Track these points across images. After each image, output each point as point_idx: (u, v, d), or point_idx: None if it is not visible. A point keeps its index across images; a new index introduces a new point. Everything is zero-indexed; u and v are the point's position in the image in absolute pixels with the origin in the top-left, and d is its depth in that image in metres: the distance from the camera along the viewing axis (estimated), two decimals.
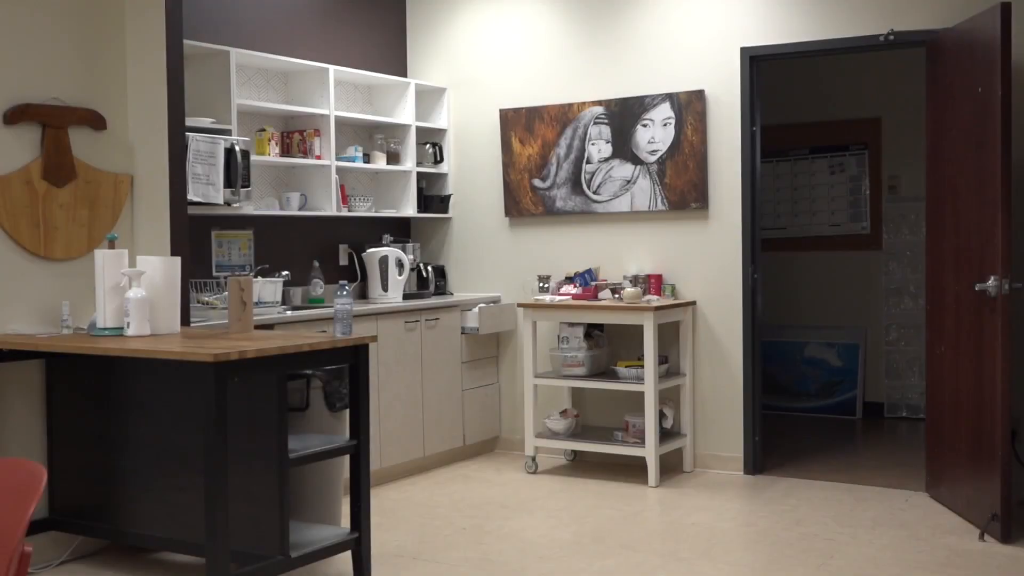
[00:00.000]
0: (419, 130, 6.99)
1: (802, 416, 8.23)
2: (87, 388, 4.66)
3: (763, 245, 6.52)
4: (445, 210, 7.16)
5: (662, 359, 6.20)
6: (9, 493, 2.47)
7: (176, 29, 5.01)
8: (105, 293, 4.40)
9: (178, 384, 4.35)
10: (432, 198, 7.11)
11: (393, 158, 6.85)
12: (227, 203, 5.52)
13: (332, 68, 6.34)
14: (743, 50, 6.21)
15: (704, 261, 6.38)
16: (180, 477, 4.32)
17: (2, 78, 4.52)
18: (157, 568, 4.71)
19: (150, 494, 4.46)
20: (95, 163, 4.87)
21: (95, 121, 4.86)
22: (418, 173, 6.98)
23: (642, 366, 6.06)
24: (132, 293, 4.33)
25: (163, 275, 4.47)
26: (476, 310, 6.63)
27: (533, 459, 6.41)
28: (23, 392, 4.65)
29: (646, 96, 6.48)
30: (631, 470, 6.27)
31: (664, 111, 6.42)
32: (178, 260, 4.60)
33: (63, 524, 4.65)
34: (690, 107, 6.33)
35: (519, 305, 6.55)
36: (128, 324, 4.33)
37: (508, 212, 6.98)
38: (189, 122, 5.25)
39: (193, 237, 5.41)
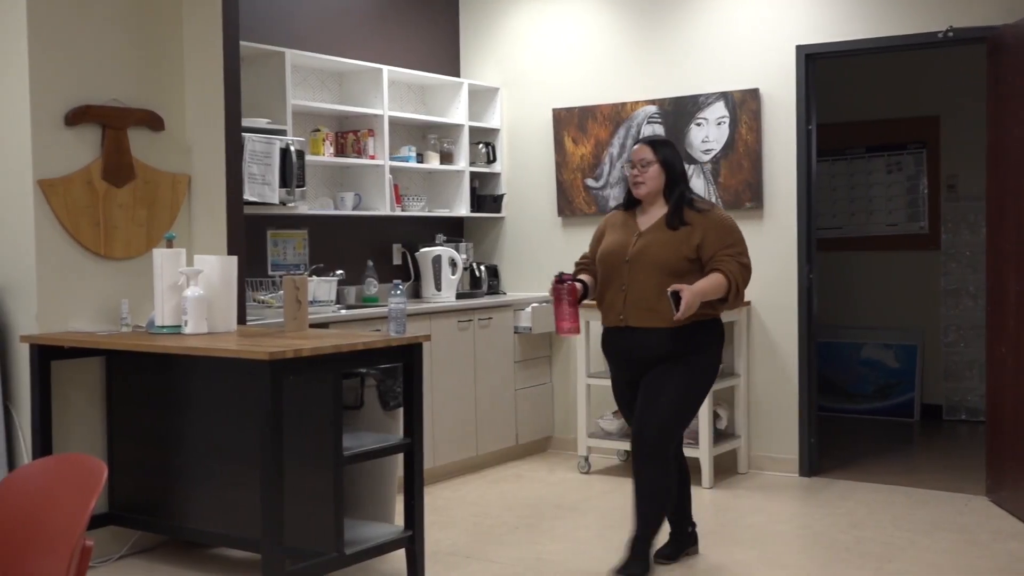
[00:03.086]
0: (472, 130, 7.00)
1: (858, 418, 8.13)
2: (146, 385, 4.72)
3: (819, 245, 6.45)
4: (498, 209, 7.16)
5: None
6: (71, 488, 2.50)
7: (232, 31, 5.06)
8: (163, 292, 4.46)
9: (235, 382, 4.39)
10: (485, 197, 7.12)
11: (446, 158, 6.87)
12: (282, 203, 5.57)
13: (386, 68, 6.37)
14: (798, 48, 6.15)
15: (759, 261, 6.25)
16: (236, 474, 4.36)
17: (63, 80, 4.59)
18: (214, 564, 4.76)
19: (207, 490, 4.51)
20: (153, 163, 4.93)
21: (153, 122, 4.92)
22: (471, 173, 7.00)
23: None
24: (190, 292, 4.37)
25: (220, 274, 4.51)
26: (529, 309, 6.62)
27: (586, 459, 6.39)
28: (84, 389, 4.73)
29: (700, 95, 6.44)
30: None
31: (718, 110, 6.37)
32: (235, 259, 4.65)
33: (122, 519, 4.71)
34: (744, 106, 6.28)
35: None
36: (186, 322, 4.37)
37: (561, 211, 6.96)
38: (245, 123, 5.30)
39: (249, 236, 5.46)
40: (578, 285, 4.37)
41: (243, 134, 5.24)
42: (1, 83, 4.57)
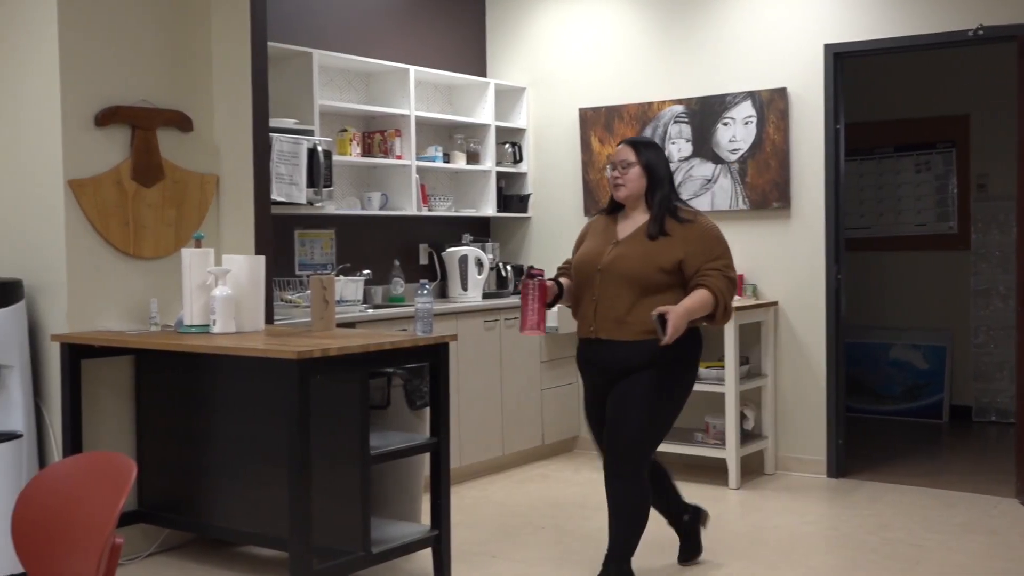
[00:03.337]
0: (499, 130, 7.00)
1: (886, 419, 8.08)
2: (174, 384, 4.76)
3: (847, 245, 6.41)
4: (524, 209, 7.16)
5: (743, 360, 6.14)
6: (101, 486, 2.52)
7: (260, 31, 5.09)
8: (192, 291, 4.48)
9: (262, 381, 4.41)
10: (511, 197, 7.12)
11: (473, 158, 6.88)
12: (310, 203, 5.59)
13: (413, 69, 6.39)
14: (827, 47, 6.12)
15: (786, 261, 6.30)
16: (264, 473, 4.38)
17: (93, 81, 4.63)
18: (242, 561, 4.78)
19: (235, 489, 4.53)
20: (182, 163, 4.97)
21: (182, 122, 4.96)
22: (497, 172, 7.00)
23: (723, 367, 6.00)
24: (218, 291, 4.39)
25: (248, 274, 4.53)
26: (555, 309, 6.58)
27: None
28: (114, 388, 4.76)
29: (727, 94, 6.41)
30: (711, 472, 6.21)
31: (745, 109, 6.35)
32: (262, 259, 4.67)
33: (151, 517, 4.75)
34: (772, 105, 6.25)
35: None
36: (214, 322, 4.39)
37: (588, 211, 6.96)
38: (273, 123, 5.33)
39: (277, 236, 5.49)
40: (549, 284, 4.13)
41: (271, 134, 5.26)
42: (32, 84, 4.61)
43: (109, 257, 4.69)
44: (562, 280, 4.25)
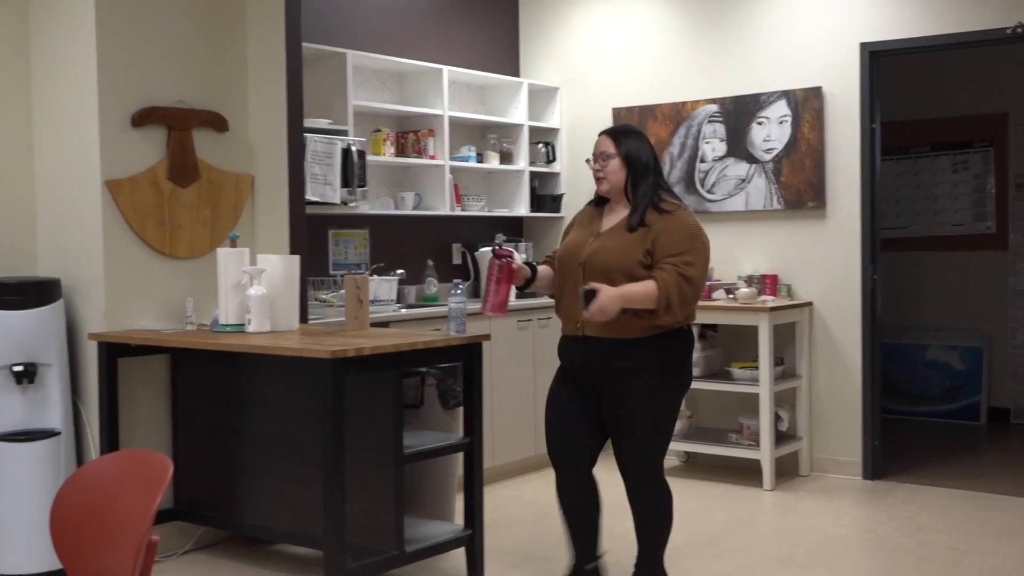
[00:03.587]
0: (532, 129, 7.00)
1: (923, 421, 8.00)
2: (210, 383, 4.79)
3: (883, 245, 6.36)
4: (558, 209, 7.15)
5: (778, 360, 6.10)
6: (138, 483, 2.54)
7: (295, 33, 5.11)
8: (227, 291, 4.51)
9: (297, 380, 4.43)
10: (544, 197, 7.12)
11: (506, 158, 6.88)
12: (344, 203, 5.61)
13: (446, 69, 6.39)
14: (862, 45, 6.07)
15: (821, 261, 6.25)
16: (298, 471, 4.40)
17: (130, 82, 4.67)
18: (276, 559, 4.81)
19: (269, 487, 4.56)
20: (217, 164, 5.00)
21: (218, 123, 4.99)
22: (531, 172, 7.00)
23: (757, 367, 5.97)
24: (253, 291, 4.42)
25: (283, 273, 4.56)
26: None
27: None
28: (150, 386, 4.80)
29: (761, 94, 6.38)
30: (745, 473, 6.18)
31: (780, 109, 6.31)
32: (297, 259, 4.69)
33: (187, 515, 4.78)
34: (807, 104, 6.21)
35: None
36: (249, 321, 4.42)
37: None
38: (307, 123, 5.35)
39: (311, 236, 5.51)
40: (518, 265, 3.90)
41: (305, 135, 5.28)
42: (70, 86, 4.66)
43: (145, 257, 4.73)
44: (541, 267, 4.04)
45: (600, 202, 3.98)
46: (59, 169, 4.73)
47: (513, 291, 4.52)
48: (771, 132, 6.35)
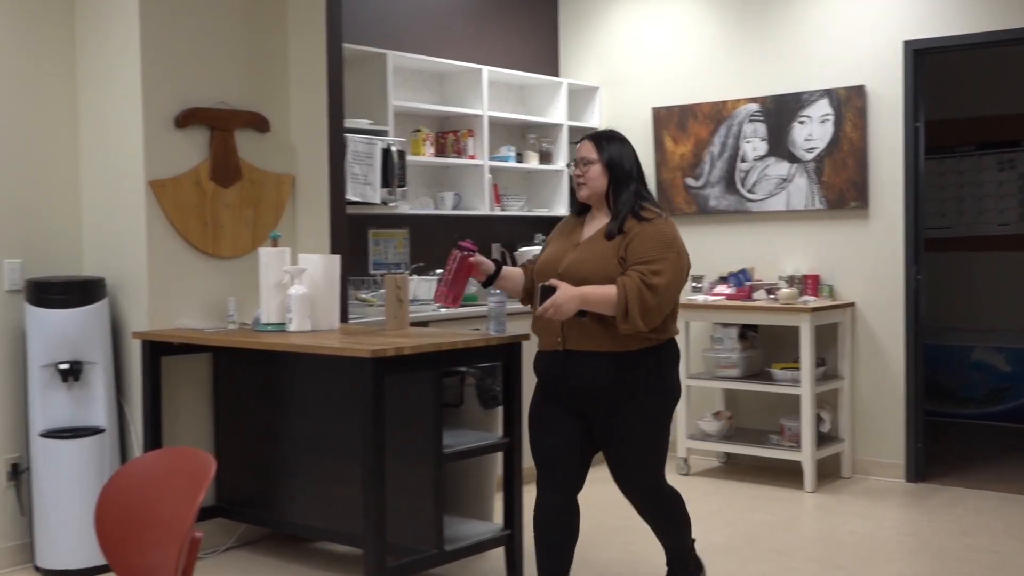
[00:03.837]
0: (571, 129, 6.99)
1: (968, 423, 7.91)
2: (251, 381, 4.83)
3: (927, 245, 6.29)
4: None
5: (819, 361, 6.05)
6: (182, 481, 2.56)
7: (336, 34, 5.14)
8: (268, 290, 4.54)
9: (337, 379, 4.45)
10: None
11: (545, 157, 6.88)
12: (384, 202, 5.63)
13: (486, 69, 6.40)
14: (906, 43, 6.01)
15: (864, 261, 6.19)
16: (338, 469, 4.42)
17: (173, 84, 4.72)
18: (317, 557, 4.84)
19: (310, 485, 4.58)
20: (259, 164, 5.04)
21: (259, 123, 5.02)
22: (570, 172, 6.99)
23: (798, 368, 5.92)
24: (294, 290, 4.44)
25: (323, 273, 4.58)
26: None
27: (685, 461, 6.34)
28: (193, 384, 4.85)
29: (803, 92, 6.33)
30: (786, 474, 6.13)
31: (822, 107, 6.26)
32: (338, 258, 4.71)
33: (229, 512, 4.82)
34: (849, 103, 6.15)
35: None
36: (290, 320, 4.44)
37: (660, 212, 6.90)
38: (348, 123, 5.38)
39: (351, 236, 5.54)
40: (476, 260, 3.83)
41: (346, 135, 5.31)
42: (115, 87, 4.71)
43: (188, 256, 4.78)
44: (511, 268, 3.99)
45: (582, 211, 3.83)
46: (104, 170, 4.79)
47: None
48: (813, 131, 6.30)
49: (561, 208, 6.92)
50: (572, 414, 3.71)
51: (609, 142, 3.75)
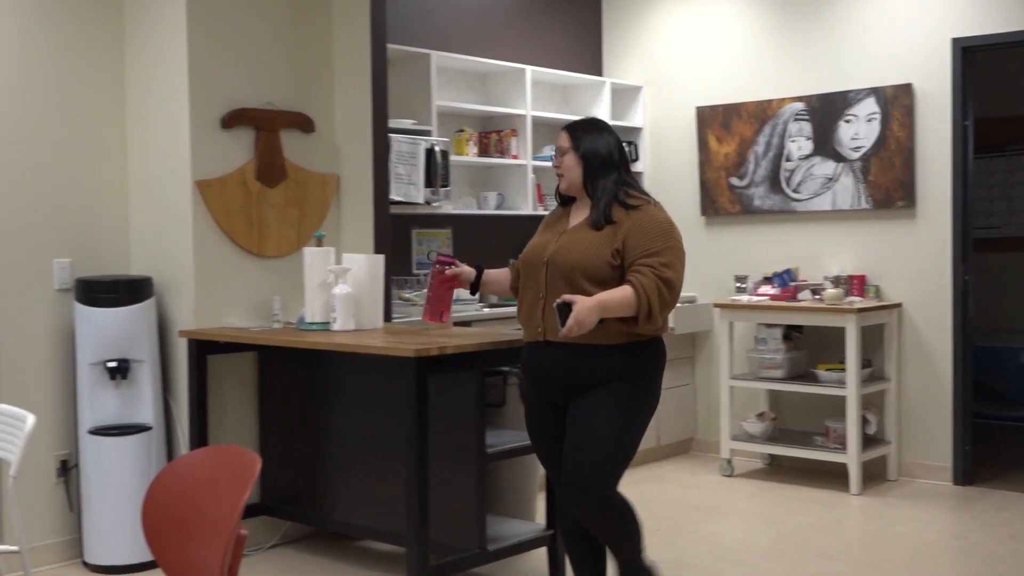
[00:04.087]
0: (615, 129, 6.95)
1: (1016, 426, 7.78)
2: (296, 380, 4.86)
3: (975, 245, 6.20)
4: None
5: (865, 363, 5.99)
6: (228, 478, 2.58)
7: (380, 35, 5.16)
8: (313, 289, 4.56)
9: (381, 378, 4.47)
10: None
11: None
12: (427, 202, 5.65)
13: (529, 68, 6.40)
14: (954, 41, 5.93)
15: (911, 262, 6.12)
16: (382, 468, 4.44)
17: (220, 85, 4.76)
18: (360, 555, 4.86)
19: (353, 484, 4.60)
20: (304, 164, 5.07)
21: (304, 124, 5.06)
22: None
23: (844, 369, 5.87)
24: (338, 289, 4.47)
25: (367, 272, 4.60)
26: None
27: (729, 462, 6.30)
28: (238, 383, 4.89)
29: (849, 91, 6.27)
30: (831, 477, 6.08)
31: (869, 106, 6.19)
32: (382, 258, 4.73)
33: (273, 510, 4.86)
34: (897, 101, 6.09)
35: (715, 305, 6.45)
36: (334, 319, 4.46)
37: (704, 211, 6.88)
38: (392, 124, 5.40)
39: (395, 235, 5.56)
40: (453, 271, 3.85)
41: (390, 135, 5.33)
42: (162, 88, 4.76)
43: (234, 256, 4.82)
44: (492, 270, 3.93)
45: (567, 202, 3.71)
46: (151, 170, 4.84)
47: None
48: (859, 130, 6.24)
49: None
50: (560, 412, 3.57)
51: (585, 131, 3.63)
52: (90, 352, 4.56)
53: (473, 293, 3.99)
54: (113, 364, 4.55)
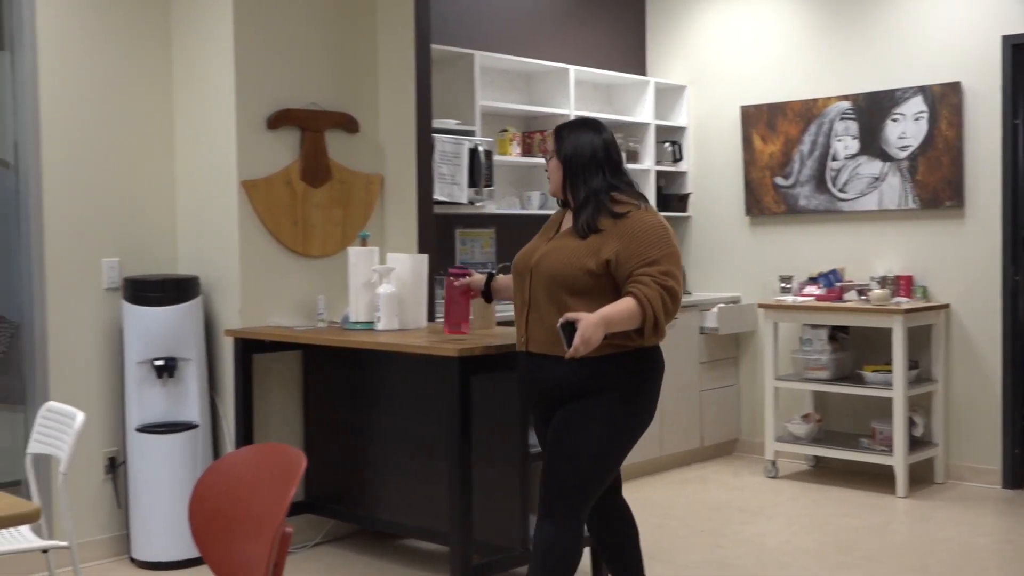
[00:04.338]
0: (658, 128, 6.95)
1: None
2: (340, 379, 4.89)
3: None
4: (684, 209, 7.09)
5: (912, 364, 5.92)
6: (273, 476, 2.60)
7: (424, 35, 5.18)
8: (357, 289, 4.59)
9: (424, 377, 4.49)
10: (671, 196, 7.06)
11: (632, 157, 6.84)
12: (471, 202, 5.66)
13: (572, 68, 6.39)
14: (1004, 38, 5.85)
15: (959, 262, 6.05)
16: (426, 468, 4.46)
17: (266, 86, 4.80)
18: (403, 554, 4.88)
19: (397, 482, 4.63)
20: (348, 164, 5.10)
21: (349, 124, 5.09)
22: (657, 172, 6.95)
23: (890, 371, 5.81)
24: (382, 289, 4.49)
25: (411, 272, 4.62)
26: (715, 310, 6.53)
27: (773, 463, 6.26)
28: (283, 381, 4.93)
29: (896, 90, 6.20)
30: (877, 479, 6.02)
31: (916, 105, 6.13)
32: (425, 257, 4.74)
33: (317, 508, 4.89)
34: (944, 100, 6.01)
35: (760, 305, 6.41)
36: (378, 319, 4.48)
37: (749, 211, 6.84)
38: (435, 124, 5.42)
39: (438, 235, 5.58)
40: (463, 283, 3.90)
41: (433, 135, 5.35)
42: (209, 89, 4.81)
43: (279, 255, 4.86)
44: (500, 276, 3.90)
45: (567, 203, 3.51)
46: (198, 171, 4.89)
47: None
48: (906, 129, 6.17)
49: None
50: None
51: (569, 131, 3.46)
52: (138, 351, 4.62)
53: (488, 301, 3.99)
54: (160, 363, 4.60)
